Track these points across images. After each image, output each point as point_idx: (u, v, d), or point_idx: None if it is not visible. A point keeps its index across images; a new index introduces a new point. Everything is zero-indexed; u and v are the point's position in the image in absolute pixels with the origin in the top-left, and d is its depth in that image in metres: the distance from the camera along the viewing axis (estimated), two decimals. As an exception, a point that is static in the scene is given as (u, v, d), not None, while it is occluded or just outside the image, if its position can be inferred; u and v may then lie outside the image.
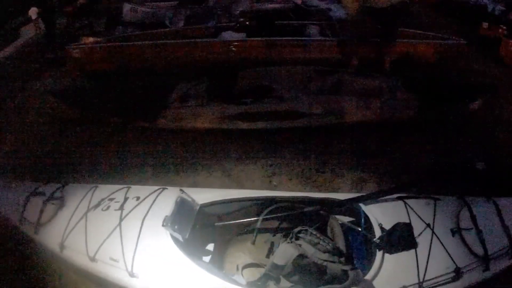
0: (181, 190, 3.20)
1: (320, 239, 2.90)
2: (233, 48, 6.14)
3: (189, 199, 3.16)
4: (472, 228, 2.99)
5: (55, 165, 4.83)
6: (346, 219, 3.34)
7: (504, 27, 9.91)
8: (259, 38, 6.30)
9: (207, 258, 3.24)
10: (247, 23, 6.90)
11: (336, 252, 2.84)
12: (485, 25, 10.34)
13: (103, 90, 5.92)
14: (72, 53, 6.76)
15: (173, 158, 4.81)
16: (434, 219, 3.05)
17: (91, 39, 7.44)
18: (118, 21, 9.70)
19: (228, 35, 6.53)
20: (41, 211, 3.27)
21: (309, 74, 5.47)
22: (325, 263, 2.78)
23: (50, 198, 3.37)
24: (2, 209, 3.39)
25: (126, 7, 9.66)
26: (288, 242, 2.88)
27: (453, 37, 6.98)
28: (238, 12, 7.43)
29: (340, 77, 5.40)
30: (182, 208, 3.05)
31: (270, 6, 8.08)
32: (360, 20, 6.01)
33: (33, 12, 14.98)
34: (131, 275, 2.79)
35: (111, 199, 3.33)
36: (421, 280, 2.70)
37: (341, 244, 2.94)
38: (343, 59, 6.22)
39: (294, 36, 6.54)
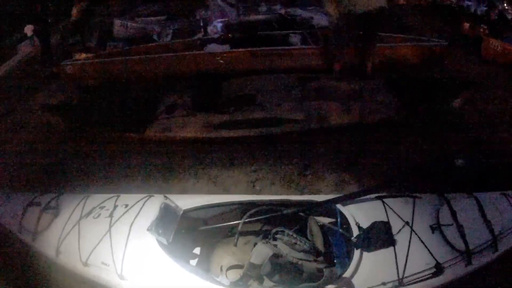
0: (165, 196, 3.36)
1: (297, 239, 3.02)
2: (219, 60, 6.32)
3: (173, 205, 3.32)
4: (452, 224, 3.07)
5: (51, 176, 5.04)
6: (326, 220, 3.49)
7: (485, 27, 10.16)
8: (244, 49, 6.48)
9: (194, 261, 3.42)
10: (231, 35, 7.11)
11: (312, 251, 2.96)
12: (466, 25, 10.59)
13: (94, 104, 6.10)
14: (65, 70, 7.00)
15: (161, 167, 4.99)
16: (413, 216, 3.13)
17: (83, 55, 7.64)
18: (109, 36, 9.94)
19: (213, 47, 6.72)
20: (38, 220, 3.46)
21: (291, 81, 5.68)
22: (300, 262, 2.90)
23: (46, 207, 3.57)
24: (2, 219, 3.59)
25: (117, 23, 9.91)
26: (264, 243, 3.00)
27: (435, 38, 7.22)
28: (223, 24, 7.62)
29: (322, 83, 5.63)
30: (166, 214, 3.21)
31: (255, 17, 8.28)
32: (341, 26, 6.17)
33: (28, 29, 15.19)
34: (121, 277, 2.97)
35: (102, 207, 3.51)
36: (400, 276, 2.80)
37: (319, 244, 3.06)
38: (325, 65, 6.40)
39: (277, 46, 6.74)
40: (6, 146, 5.87)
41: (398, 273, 2.82)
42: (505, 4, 18.82)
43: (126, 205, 3.45)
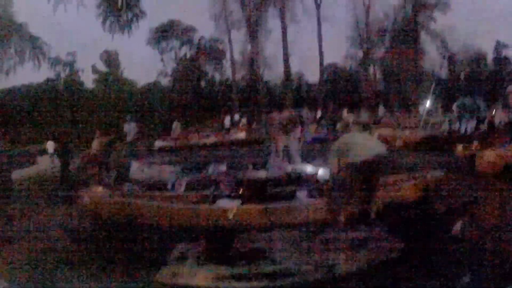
0: None
1: None
2: (230, 215, 6.65)
3: None
4: None
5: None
6: None
7: (477, 142, 10.73)
8: (253, 205, 6.91)
9: None
10: (241, 191, 7.59)
11: None
12: (459, 147, 11.16)
13: (107, 238, 6.49)
14: (82, 198, 7.45)
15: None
16: None
17: (99, 189, 8.11)
18: (126, 176, 10.53)
19: (224, 202, 7.16)
20: None
21: (299, 235, 6.01)
22: None
23: None
24: None
25: (134, 165, 10.64)
26: None
27: (431, 171, 7.81)
28: (234, 181, 8.15)
29: (329, 235, 5.99)
30: None
31: (263, 174, 8.89)
32: (343, 178, 6.64)
33: (50, 145, 16.19)
34: None
35: None
36: None
37: None
38: (331, 217, 6.72)
39: (285, 201, 7.22)
40: (14, 252, 6.26)
41: None
42: (493, 112, 19.99)
43: None
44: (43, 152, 13.97)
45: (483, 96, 18.76)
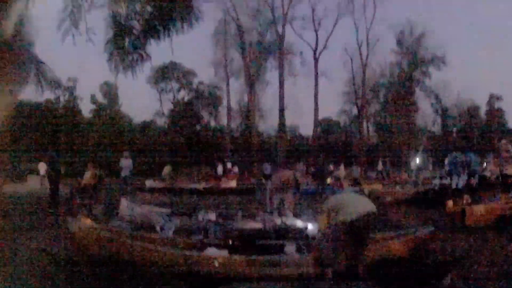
0: None
1: None
2: (216, 264, 6.66)
3: None
4: None
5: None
6: None
7: (468, 196, 10.72)
8: (241, 256, 6.86)
9: None
10: (229, 241, 7.60)
11: None
12: (450, 203, 11.16)
13: (91, 271, 6.45)
14: (69, 228, 7.46)
15: None
16: None
17: (88, 221, 8.06)
18: (115, 211, 10.47)
19: (212, 251, 7.15)
20: None
21: (285, 289, 5.98)
22: None
23: None
24: None
25: (124, 203, 10.57)
26: None
27: (422, 227, 7.84)
28: (222, 229, 8.16)
29: (316, 289, 5.94)
30: None
31: (252, 225, 8.91)
32: (332, 235, 6.69)
33: (41, 167, 16.14)
34: None
35: None
36: None
37: None
38: (319, 272, 6.71)
39: (273, 254, 7.19)
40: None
41: None
42: (485, 164, 19.94)
43: None
44: (33, 170, 14.05)
45: (475, 150, 18.93)
